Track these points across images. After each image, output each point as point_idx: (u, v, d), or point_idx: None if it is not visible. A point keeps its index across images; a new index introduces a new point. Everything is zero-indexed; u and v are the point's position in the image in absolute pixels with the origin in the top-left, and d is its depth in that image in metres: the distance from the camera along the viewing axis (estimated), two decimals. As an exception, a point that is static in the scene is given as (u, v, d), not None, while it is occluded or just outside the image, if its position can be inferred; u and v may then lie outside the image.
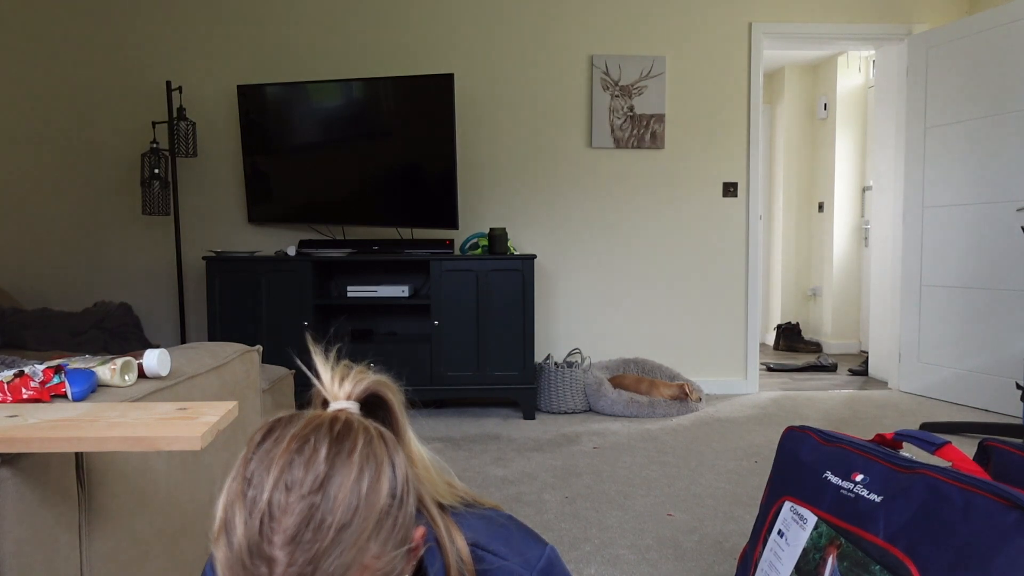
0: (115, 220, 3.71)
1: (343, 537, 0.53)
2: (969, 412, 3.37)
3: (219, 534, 0.55)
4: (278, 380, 2.56)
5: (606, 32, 3.74)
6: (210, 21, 3.67)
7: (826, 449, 1.31)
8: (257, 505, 0.53)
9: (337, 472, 0.55)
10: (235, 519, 0.54)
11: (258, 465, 0.56)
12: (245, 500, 0.54)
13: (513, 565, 0.70)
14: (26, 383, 1.03)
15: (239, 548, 0.53)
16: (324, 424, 0.58)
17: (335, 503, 0.54)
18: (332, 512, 0.53)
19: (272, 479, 0.54)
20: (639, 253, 3.82)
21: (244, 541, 0.53)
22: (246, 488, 0.55)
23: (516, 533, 0.75)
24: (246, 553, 0.52)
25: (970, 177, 3.47)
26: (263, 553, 0.52)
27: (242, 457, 0.58)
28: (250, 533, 0.53)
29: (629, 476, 2.42)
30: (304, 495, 0.53)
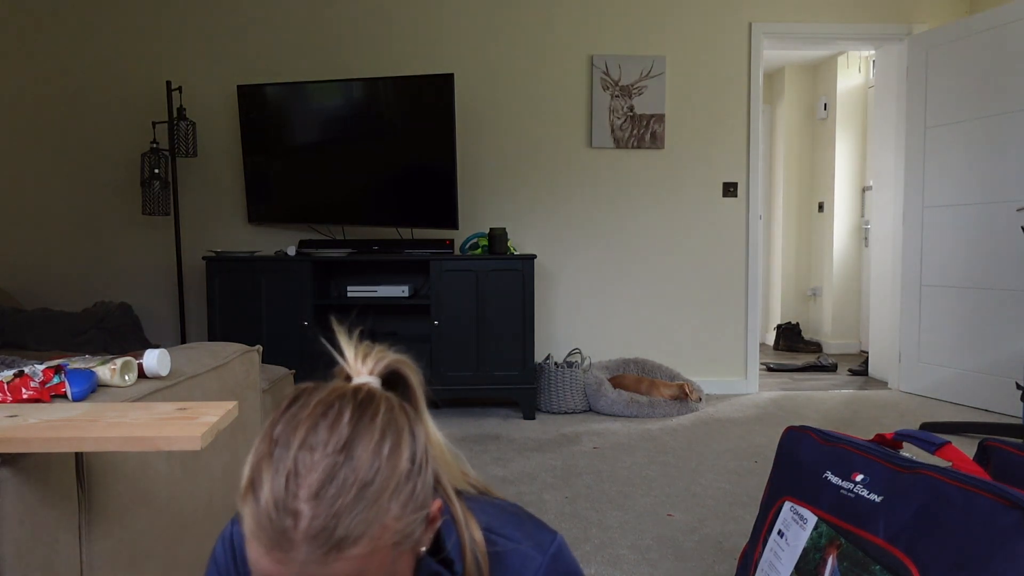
0: (115, 220, 3.71)
1: (364, 495, 0.56)
2: (969, 412, 3.37)
3: (246, 492, 0.57)
4: (278, 380, 2.56)
5: (606, 32, 3.74)
6: (210, 21, 3.67)
7: (826, 449, 1.31)
8: (283, 463, 0.56)
9: (360, 435, 0.58)
10: (262, 476, 0.57)
11: (285, 427, 0.59)
12: (272, 459, 0.57)
13: (525, 548, 0.72)
14: (26, 383, 1.03)
15: (266, 503, 0.55)
16: (348, 392, 0.61)
17: (357, 463, 0.57)
18: (354, 471, 0.56)
19: (298, 439, 0.57)
20: (639, 253, 3.82)
21: (271, 496, 0.55)
22: (273, 448, 0.57)
23: (527, 520, 0.77)
24: (272, 508, 0.55)
25: (970, 177, 3.47)
26: (288, 507, 0.55)
27: (269, 421, 0.60)
28: (276, 489, 0.55)
29: (629, 476, 2.42)
30: (328, 454, 0.56)
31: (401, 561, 0.61)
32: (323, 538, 0.55)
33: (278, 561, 0.55)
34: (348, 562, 0.55)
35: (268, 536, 0.55)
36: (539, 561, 0.72)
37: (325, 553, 0.55)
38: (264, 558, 0.56)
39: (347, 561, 0.55)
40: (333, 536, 0.55)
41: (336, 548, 0.55)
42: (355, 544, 0.55)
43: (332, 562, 0.55)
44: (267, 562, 0.56)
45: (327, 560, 0.55)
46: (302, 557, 0.54)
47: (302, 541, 0.54)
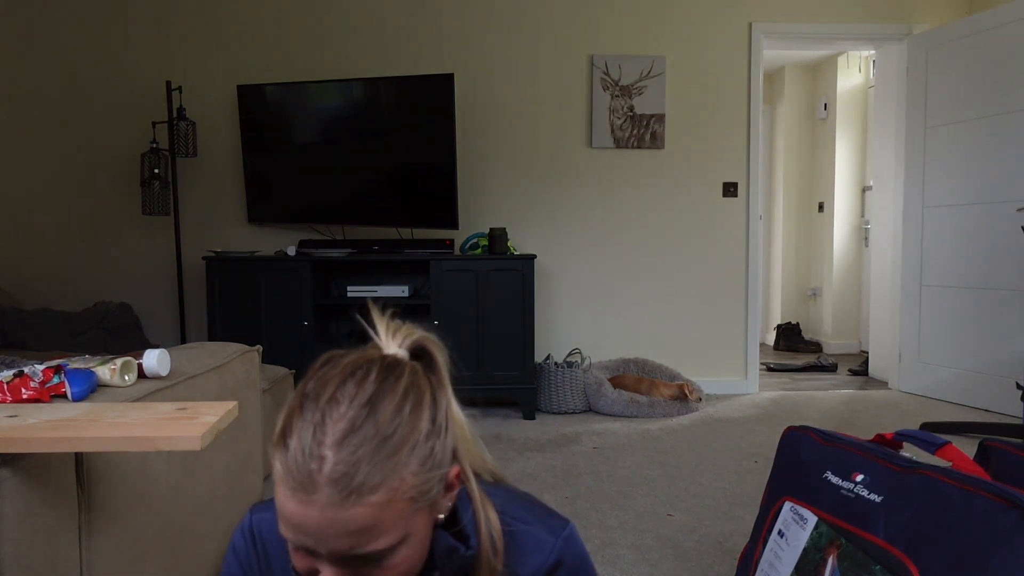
0: (115, 220, 3.71)
1: (384, 446, 0.60)
2: (969, 412, 3.37)
3: (278, 441, 0.62)
4: (278, 380, 2.56)
5: (606, 32, 3.74)
6: (210, 21, 3.67)
7: (826, 449, 1.31)
8: (312, 414, 0.61)
9: (384, 393, 0.63)
10: (292, 426, 0.61)
11: (315, 384, 0.64)
12: (302, 411, 0.62)
13: (539, 531, 0.76)
14: (26, 383, 1.03)
15: (295, 449, 0.60)
16: (376, 357, 0.67)
17: (380, 417, 0.61)
18: (376, 425, 0.61)
19: (327, 393, 0.62)
20: (639, 253, 3.82)
21: (299, 443, 0.60)
22: (303, 401, 0.63)
23: (539, 506, 0.80)
24: (299, 453, 0.60)
25: (970, 177, 3.47)
26: (314, 453, 0.59)
27: (302, 381, 0.66)
28: (304, 436, 0.60)
29: (629, 476, 2.42)
30: (353, 407, 0.61)
31: (418, 519, 0.64)
32: (343, 483, 0.59)
33: (302, 503, 0.59)
34: (366, 508, 0.59)
35: (294, 479, 0.59)
36: (552, 543, 0.75)
37: (344, 497, 0.59)
38: (290, 500, 0.60)
39: (365, 507, 0.59)
40: (352, 482, 0.59)
41: (355, 493, 0.59)
42: (373, 492, 0.59)
43: (351, 507, 0.59)
44: (292, 504, 0.60)
45: (346, 504, 0.59)
46: (324, 500, 0.58)
47: (324, 484, 0.58)
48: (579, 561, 0.78)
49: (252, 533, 0.80)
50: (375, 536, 0.61)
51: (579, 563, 0.78)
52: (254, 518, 0.81)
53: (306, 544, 0.61)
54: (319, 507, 0.59)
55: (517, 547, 0.75)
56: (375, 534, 0.60)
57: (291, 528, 0.61)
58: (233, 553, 0.81)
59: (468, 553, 0.71)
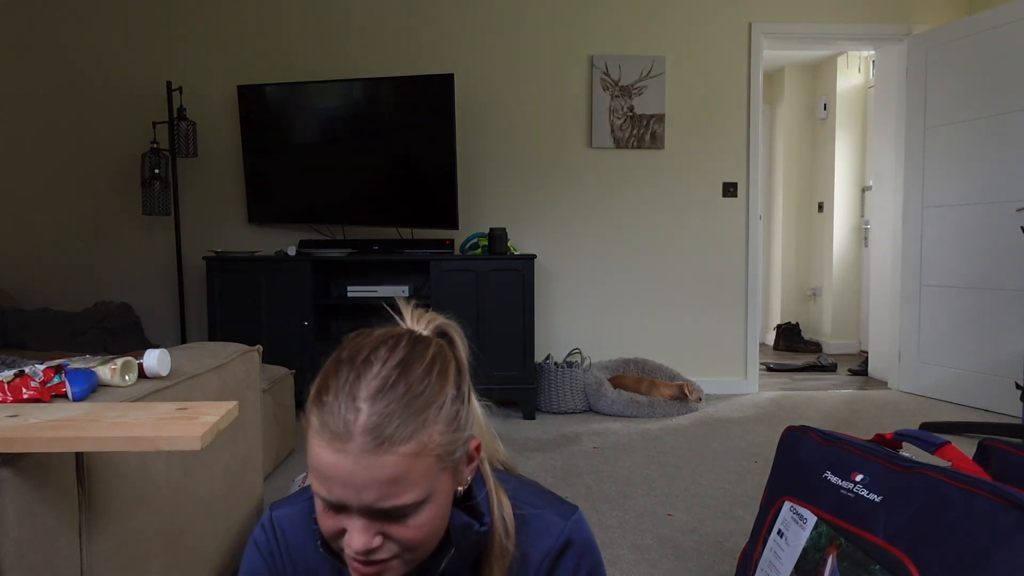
0: (115, 220, 3.71)
1: (414, 403, 0.65)
2: (969, 412, 3.37)
3: (314, 400, 0.66)
4: (278, 380, 2.56)
5: (606, 32, 3.74)
6: (210, 21, 3.67)
7: (826, 449, 1.31)
8: (348, 372, 0.66)
9: (414, 358, 0.68)
10: (328, 384, 0.66)
11: (351, 348, 0.69)
12: (339, 369, 0.67)
13: (549, 514, 0.80)
14: (26, 383, 1.03)
15: (331, 403, 0.65)
16: (405, 331, 0.73)
17: (411, 378, 0.66)
18: (407, 384, 0.66)
19: (362, 356, 0.68)
20: (639, 253, 3.82)
21: (335, 398, 0.65)
22: (339, 364, 0.68)
23: (548, 494, 0.85)
24: (336, 406, 0.64)
25: (970, 177, 3.47)
26: (350, 405, 0.64)
27: (337, 350, 0.71)
28: (341, 391, 0.65)
29: (629, 476, 2.43)
30: (386, 367, 0.66)
31: (442, 480, 0.68)
32: (377, 432, 0.63)
33: (338, 451, 0.63)
34: (397, 457, 0.63)
35: (331, 430, 0.64)
36: (562, 526, 0.79)
37: (377, 445, 0.63)
38: (326, 450, 0.64)
39: (396, 456, 0.63)
40: (385, 431, 0.63)
41: (387, 442, 0.63)
42: (404, 443, 0.64)
43: (383, 454, 0.63)
44: (328, 453, 0.63)
45: (379, 452, 0.63)
46: (357, 448, 0.63)
47: (359, 433, 0.63)
48: (587, 544, 0.81)
49: (273, 527, 0.82)
50: (403, 489, 0.64)
51: (587, 546, 0.81)
52: (274, 514, 0.83)
53: (338, 497, 0.64)
54: (353, 455, 0.63)
55: (528, 529, 0.78)
56: (403, 486, 0.64)
57: (325, 480, 0.64)
58: (255, 548, 0.82)
59: (482, 529, 0.74)
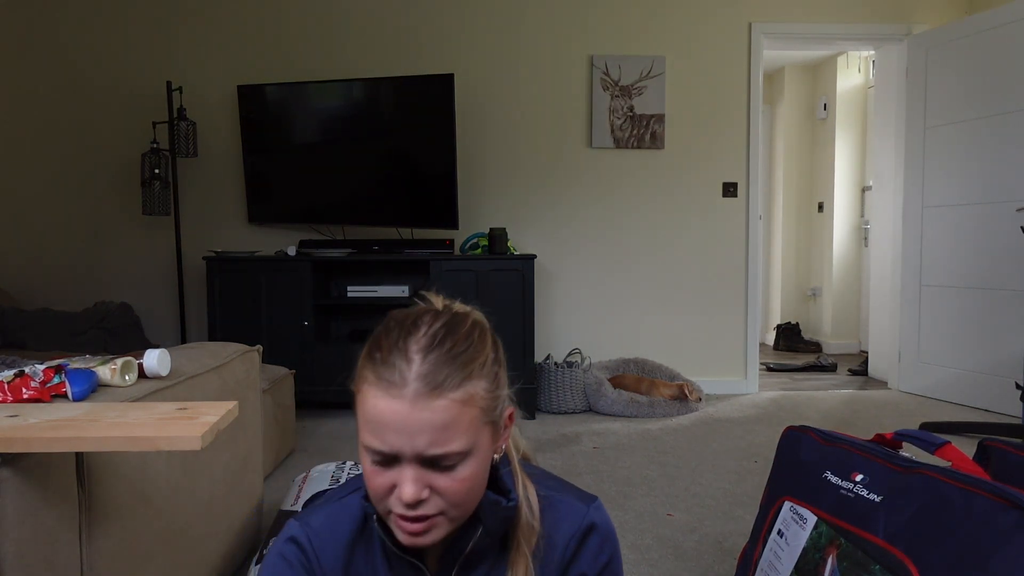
0: (115, 220, 3.71)
1: (460, 358, 0.71)
2: (969, 412, 3.37)
3: (366, 357, 0.73)
4: (278, 380, 2.56)
5: (606, 32, 3.74)
6: (210, 21, 3.67)
7: (826, 449, 1.31)
8: (398, 332, 0.73)
9: (456, 323, 0.75)
10: (380, 342, 0.73)
11: (398, 316, 0.76)
12: (390, 328, 0.74)
13: (572, 500, 0.84)
14: (26, 383, 1.03)
15: (384, 355, 0.71)
16: (444, 306, 0.79)
17: (456, 337, 0.73)
18: (453, 342, 0.72)
19: (410, 320, 0.74)
20: (639, 253, 3.82)
21: (389, 350, 0.71)
22: (389, 328, 0.74)
23: (568, 483, 0.89)
24: (390, 355, 0.71)
25: (970, 177, 3.47)
26: (403, 355, 0.70)
27: (381, 324, 0.77)
28: (393, 345, 0.71)
29: (629, 476, 2.43)
30: (433, 328, 0.73)
31: (484, 436, 0.73)
32: (429, 378, 0.69)
33: (394, 398, 0.69)
34: (448, 403, 0.69)
35: (386, 380, 0.69)
36: (584, 511, 0.83)
37: (430, 390, 0.69)
38: (382, 399, 0.69)
39: (447, 401, 0.69)
40: (437, 378, 0.69)
41: (439, 388, 0.69)
42: (454, 389, 0.70)
43: (436, 399, 0.69)
44: (385, 401, 0.69)
45: (432, 396, 0.69)
46: (412, 393, 0.68)
47: (413, 380, 0.69)
48: (609, 530, 0.85)
49: (308, 539, 0.82)
50: (452, 436, 0.69)
51: (609, 532, 0.85)
52: (298, 526, 0.83)
53: (392, 445, 0.69)
54: (409, 399, 0.68)
55: (554, 512, 0.82)
56: (452, 433, 0.69)
57: (380, 430, 0.69)
58: (283, 561, 0.82)
59: (510, 504, 0.78)
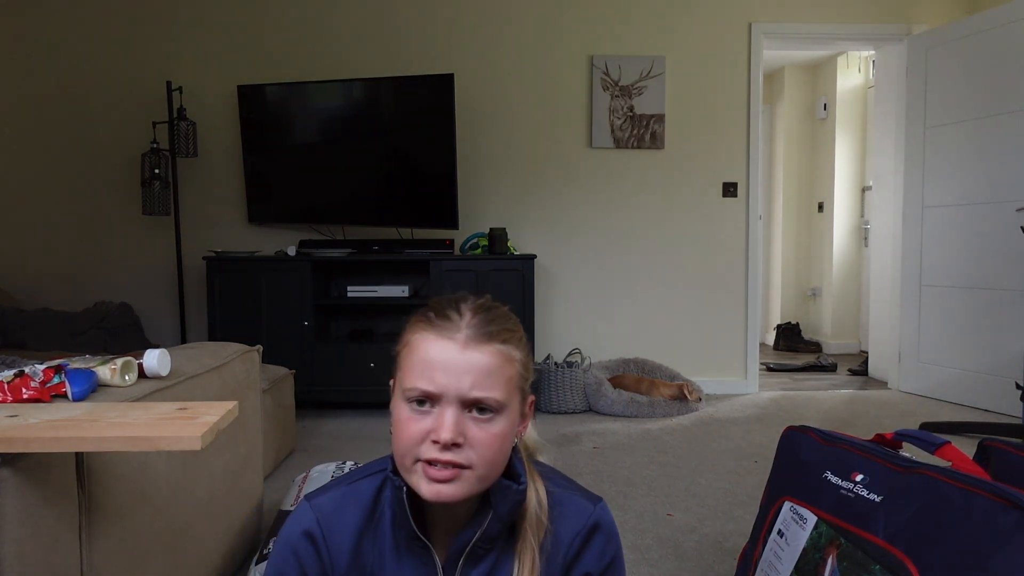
0: (115, 220, 3.71)
1: (503, 323, 0.79)
2: (969, 412, 3.37)
3: (419, 319, 0.80)
4: (278, 380, 2.56)
5: (606, 32, 3.74)
6: (210, 21, 3.67)
7: (826, 449, 1.31)
8: (448, 300, 0.80)
9: (496, 304, 0.82)
10: (432, 305, 0.80)
11: (446, 296, 0.82)
12: (439, 302, 0.81)
13: (579, 498, 0.87)
14: (26, 383, 1.03)
15: (437, 311, 0.79)
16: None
17: (499, 310, 0.81)
18: (497, 312, 0.81)
19: (455, 295, 0.82)
20: (639, 253, 3.82)
21: (443, 306, 0.79)
22: (437, 301, 0.81)
23: (575, 483, 0.91)
24: (444, 308, 0.79)
25: (970, 177, 3.47)
26: (456, 309, 0.79)
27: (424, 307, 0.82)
28: (447, 303, 0.80)
29: (629, 476, 2.42)
30: (477, 301, 0.81)
31: (515, 401, 0.79)
32: (480, 327, 0.77)
33: (447, 339, 0.76)
34: (494, 349, 0.77)
35: (440, 326, 0.77)
36: (591, 509, 0.87)
37: (481, 336, 0.76)
38: (435, 342, 0.76)
39: (493, 348, 0.77)
40: (486, 329, 0.77)
41: (488, 336, 0.77)
42: (500, 342, 0.77)
43: (484, 344, 0.76)
44: (437, 347, 0.76)
45: (481, 341, 0.76)
46: (463, 337, 0.76)
47: (466, 327, 0.77)
48: (612, 531, 0.88)
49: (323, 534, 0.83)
50: (493, 383, 0.76)
51: (612, 532, 0.88)
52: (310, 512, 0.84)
53: (438, 384, 0.74)
54: (461, 341, 0.76)
55: (560, 509, 0.85)
56: (493, 380, 0.76)
57: (429, 370, 0.75)
58: (294, 557, 0.82)
59: (520, 487, 0.81)
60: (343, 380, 3.29)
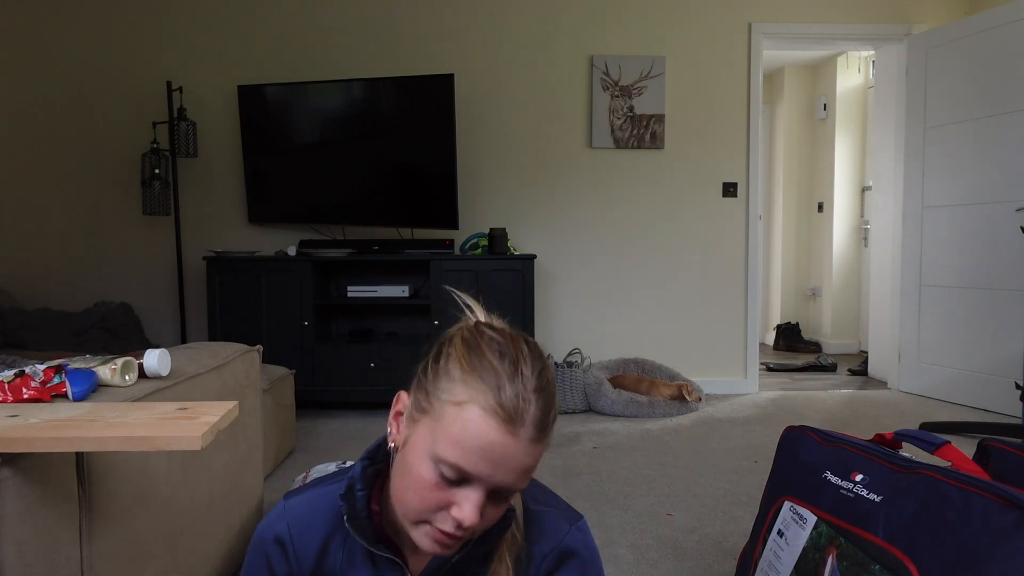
0: (115, 220, 3.71)
1: (554, 396, 0.74)
2: (969, 412, 3.37)
3: (467, 372, 0.71)
4: (278, 380, 2.56)
5: (606, 32, 3.74)
6: (210, 21, 3.67)
7: (826, 449, 1.31)
8: (509, 356, 0.72)
9: (539, 354, 0.75)
10: (486, 356, 0.72)
11: (498, 343, 0.74)
12: (500, 350, 0.72)
13: (558, 515, 0.85)
14: (27, 383, 1.03)
15: (503, 383, 0.70)
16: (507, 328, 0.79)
17: (549, 373, 0.75)
18: (549, 376, 0.74)
19: (509, 341, 0.74)
20: (639, 253, 3.82)
21: (511, 378, 0.70)
22: (493, 346, 0.73)
23: (557, 497, 0.89)
24: (512, 386, 0.70)
25: (970, 177, 3.47)
26: (524, 395, 0.70)
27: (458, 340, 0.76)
28: (513, 374, 0.71)
29: (629, 476, 2.43)
30: (532, 361, 0.73)
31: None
32: (541, 424, 0.71)
33: (510, 434, 0.69)
34: (542, 447, 0.72)
35: (506, 413, 0.69)
36: (567, 528, 0.84)
37: (540, 435, 0.71)
38: (496, 430, 0.68)
39: (543, 446, 0.72)
40: (545, 423, 0.71)
41: (544, 434, 0.71)
42: (550, 435, 0.72)
43: (539, 444, 0.71)
44: (499, 434, 0.68)
45: (538, 441, 0.71)
46: (526, 435, 0.69)
47: (530, 423, 0.70)
48: (590, 551, 0.84)
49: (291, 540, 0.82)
50: (528, 475, 0.72)
51: (590, 553, 0.84)
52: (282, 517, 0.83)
53: (478, 471, 0.69)
54: (523, 440, 0.69)
55: (536, 526, 0.82)
56: (530, 473, 0.72)
57: (475, 454, 0.68)
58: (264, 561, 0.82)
59: (509, 514, 0.78)
60: (343, 380, 3.29)
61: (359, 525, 0.78)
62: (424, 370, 0.76)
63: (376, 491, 0.82)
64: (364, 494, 0.79)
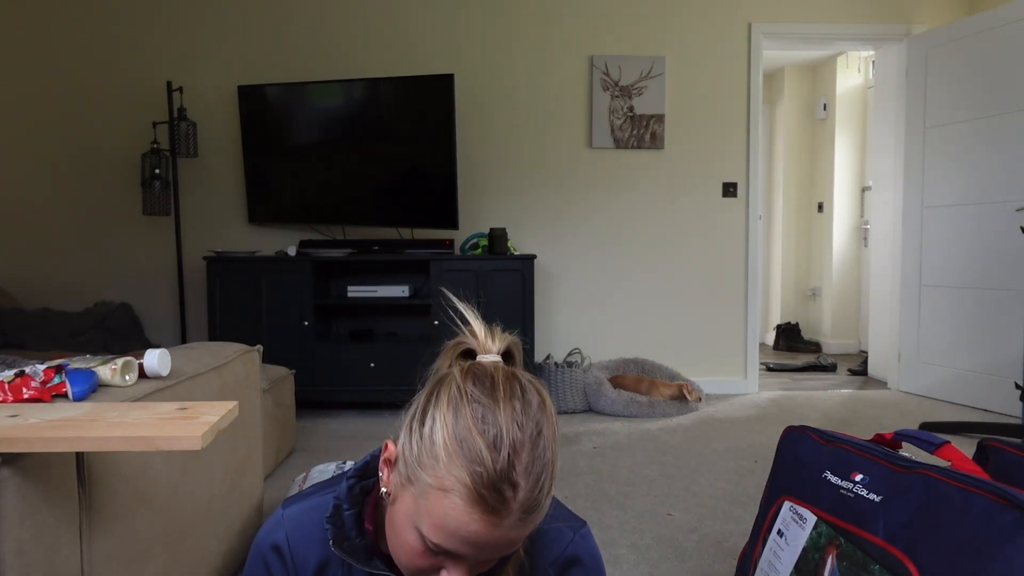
0: (115, 220, 3.71)
1: (549, 469, 0.69)
2: (969, 412, 3.37)
3: (453, 449, 0.65)
4: (278, 380, 2.56)
5: (606, 32, 3.74)
6: (210, 21, 3.67)
7: (826, 449, 1.31)
8: (503, 446, 0.65)
9: (545, 421, 0.70)
10: (478, 445, 0.65)
11: (485, 410, 0.67)
12: (489, 443, 0.65)
13: (560, 525, 0.83)
14: (27, 383, 1.03)
15: (488, 470, 0.64)
16: (512, 377, 0.71)
17: (545, 443, 0.69)
18: (543, 451, 0.68)
19: (504, 421, 0.66)
20: (639, 253, 3.82)
21: (493, 470, 0.64)
22: (482, 427, 0.66)
23: (561, 505, 0.86)
24: (495, 475, 0.64)
25: (970, 177, 3.47)
26: (510, 478, 0.65)
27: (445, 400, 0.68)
28: (500, 464, 0.64)
29: (629, 476, 2.43)
30: (530, 437, 0.67)
31: None
32: (530, 507, 0.66)
33: (492, 524, 0.64)
34: (530, 527, 0.68)
35: (488, 503, 0.64)
36: (570, 537, 0.82)
37: (528, 517, 0.66)
38: (477, 522, 0.64)
39: (530, 526, 0.68)
40: (536, 504, 0.67)
41: (534, 513, 0.67)
42: (541, 513, 0.68)
43: (527, 525, 0.67)
44: (480, 524, 0.64)
45: (525, 522, 0.66)
46: (511, 522, 0.65)
47: (516, 510, 0.65)
48: (594, 559, 0.84)
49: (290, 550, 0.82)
50: (516, 546, 0.69)
51: (594, 561, 0.84)
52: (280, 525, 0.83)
53: (461, 552, 0.66)
54: (506, 528, 0.65)
55: (540, 537, 0.80)
56: (519, 545, 0.70)
57: (454, 538, 0.65)
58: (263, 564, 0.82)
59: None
60: (343, 380, 3.29)
61: (349, 547, 0.77)
62: (410, 426, 0.71)
63: (370, 507, 0.81)
64: (352, 513, 0.78)
